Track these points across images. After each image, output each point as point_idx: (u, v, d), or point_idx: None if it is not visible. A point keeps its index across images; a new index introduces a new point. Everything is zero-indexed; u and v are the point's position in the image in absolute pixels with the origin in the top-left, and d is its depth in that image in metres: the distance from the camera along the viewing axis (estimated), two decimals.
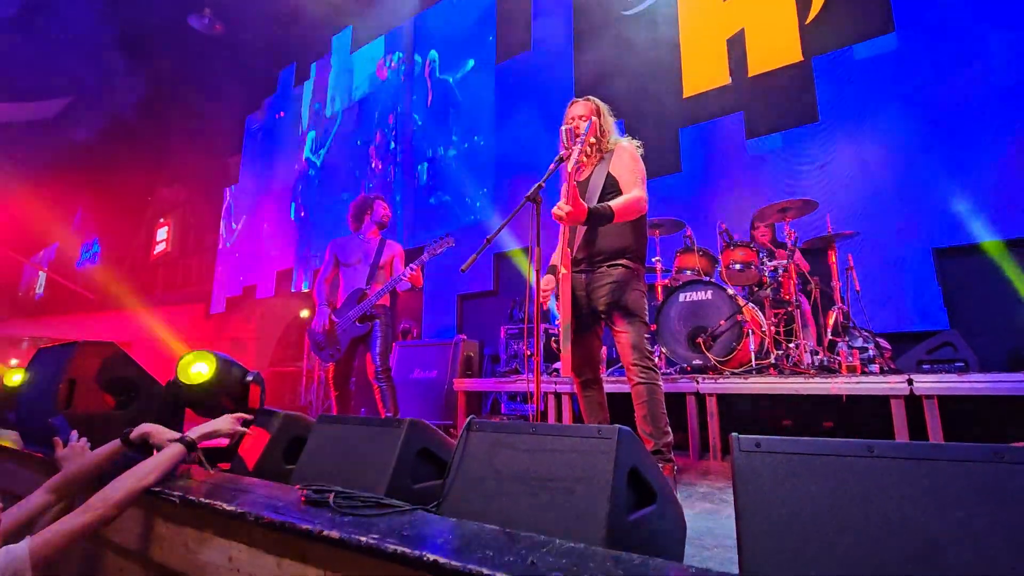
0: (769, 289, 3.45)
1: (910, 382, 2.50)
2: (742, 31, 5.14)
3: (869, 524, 0.90)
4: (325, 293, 3.43)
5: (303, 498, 1.24)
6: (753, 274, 3.44)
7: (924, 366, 3.34)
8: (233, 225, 10.49)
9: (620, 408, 2.38)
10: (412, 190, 7.41)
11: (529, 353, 4.02)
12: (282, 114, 10.05)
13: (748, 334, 3.07)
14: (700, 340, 3.11)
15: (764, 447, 1.01)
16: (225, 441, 1.71)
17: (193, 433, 1.51)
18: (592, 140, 2.25)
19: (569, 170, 1.97)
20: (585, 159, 2.29)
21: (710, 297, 3.23)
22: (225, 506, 1.21)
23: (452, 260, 5.75)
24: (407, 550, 0.87)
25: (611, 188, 2.12)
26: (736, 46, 5.15)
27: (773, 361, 3.05)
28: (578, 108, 2.33)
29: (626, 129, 5.31)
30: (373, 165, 8.05)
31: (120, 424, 1.67)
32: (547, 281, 2.24)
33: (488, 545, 0.92)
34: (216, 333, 9.71)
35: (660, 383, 2.00)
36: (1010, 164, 3.81)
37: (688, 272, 3.58)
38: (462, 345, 4.89)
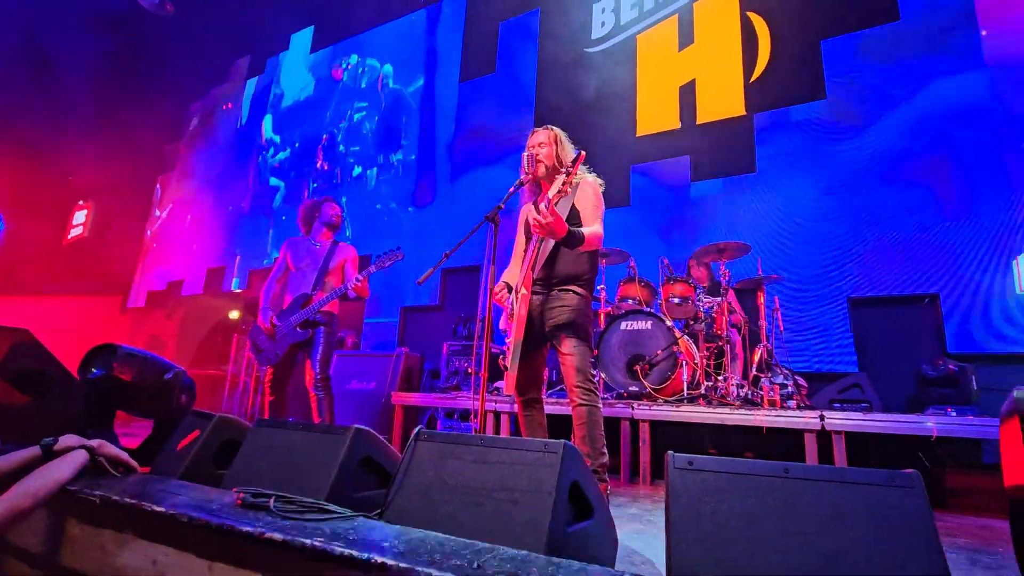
0: (703, 323, 3.67)
1: (822, 418, 2.73)
2: (693, 81, 5.52)
3: (782, 537, 0.99)
4: (273, 294, 3.32)
5: (239, 501, 1.21)
6: (690, 308, 3.64)
7: (835, 404, 3.64)
8: (157, 213, 9.90)
9: (558, 429, 2.45)
10: (358, 194, 7.32)
11: (473, 371, 4.04)
12: (229, 105, 9.68)
13: (682, 365, 3.25)
14: (638, 368, 3.25)
15: (696, 465, 1.10)
16: (136, 442, 1.63)
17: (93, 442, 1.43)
18: (547, 167, 2.34)
19: (550, 196, 2.06)
20: (550, 185, 2.37)
21: (649, 327, 3.39)
22: (154, 507, 1.16)
23: (398, 271, 5.71)
24: (355, 553, 0.88)
25: (574, 220, 2.22)
26: (687, 94, 5.51)
27: (703, 392, 3.23)
28: (539, 136, 2.43)
29: (584, 163, 5.54)
30: (319, 164, 7.90)
31: (30, 420, 1.55)
32: (501, 287, 2.30)
33: (435, 550, 0.94)
34: (133, 329, 9.06)
35: (600, 406, 2.08)
36: (915, 225, 4.27)
37: (630, 301, 3.74)
38: (403, 358, 4.83)
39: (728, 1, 5.52)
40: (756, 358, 3.60)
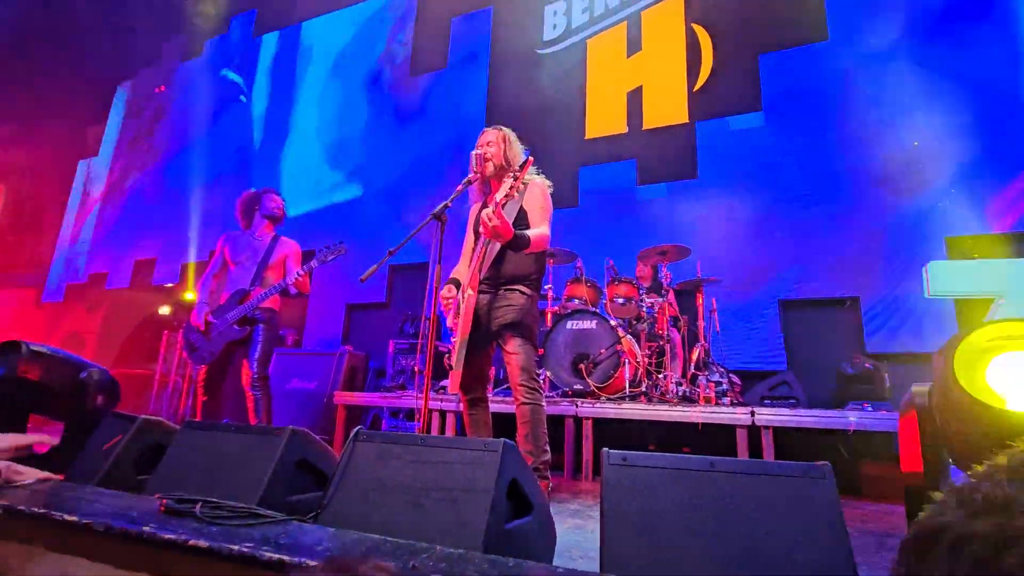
0: (646, 323, 3.79)
1: (753, 414, 2.88)
2: (640, 88, 5.68)
3: (708, 527, 1.05)
4: (209, 289, 3.16)
5: (163, 508, 1.15)
6: (633, 308, 3.75)
7: (766, 401, 3.85)
8: (79, 199, 9.20)
9: (502, 427, 2.46)
10: (303, 185, 7.08)
11: (419, 370, 4.00)
12: (162, 88, 9.12)
13: (625, 363, 3.34)
14: (582, 366, 3.32)
15: (630, 461, 1.14)
16: (45, 447, 1.52)
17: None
18: (495, 166, 2.35)
19: (499, 199, 2.08)
20: (499, 184, 2.38)
21: (594, 327, 3.47)
22: (66, 516, 1.08)
23: (342, 266, 5.58)
24: (285, 557, 0.86)
25: (522, 221, 2.24)
26: (634, 100, 5.66)
27: (644, 390, 3.34)
28: (488, 136, 2.44)
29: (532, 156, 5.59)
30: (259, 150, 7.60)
31: None
32: (449, 290, 2.29)
33: (368, 551, 0.93)
34: (49, 325, 8.39)
35: (544, 404, 2.12)
36: (839, 233, 4.57)
37: (576, 301, 3.82)
38: (347, 356, 4.72)
39: (674, 12, 5.71)
40: (694, 357, 3.75)
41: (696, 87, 5.48)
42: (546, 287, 3.98)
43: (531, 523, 1.35)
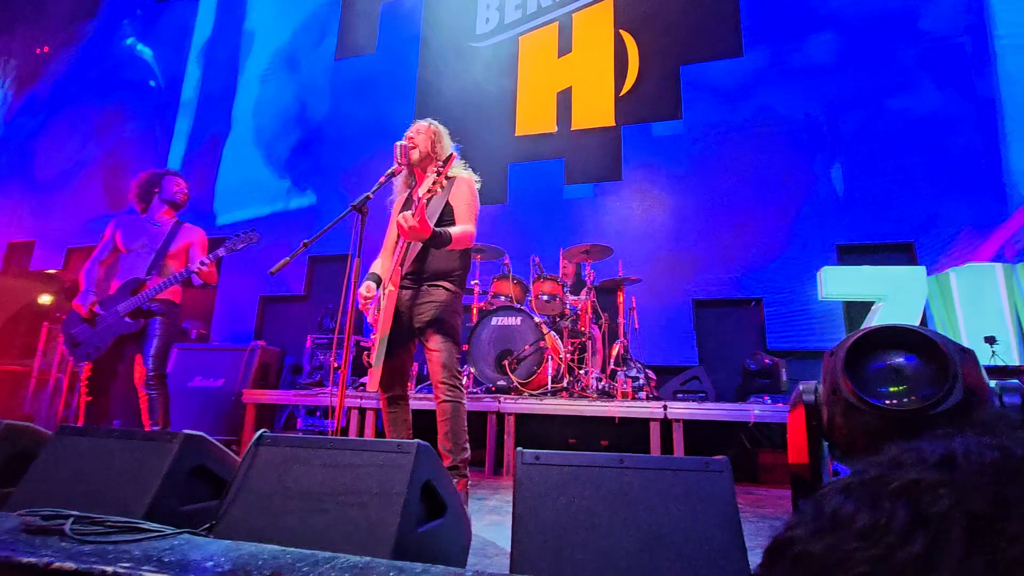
0: (569, 320, 3.87)
1: (665, 408, 3.03)
2: (570, 89, 5.78)
3: (615, 522, 1.08)
4: (95, 277, 2.84)
5: (26, 526, 1.02)
6: (557, 305, 3.82)
7: (678, 395, 4.07)
8: None
9: (422, 425, 2.42)
10: (212, 167, 6.60)
11: (336, 365, 3.85)
12: (46, 49, 8.12)
13: (548, 360, 3.40)
14: (507, 363, 3.34)
15: (543, 460, 1.15)
16: None
17: None
18: (421, 155, 2.31)
19: (421, 195, 2.02)
20: (425, 179, 2.33)
21: (519, 323, 3.50)
22: None
23: (255, 255, 5.26)
24: None
25: (447, 217, 2.20)
26: (564, 100, 5.76)
27: (565, 385, 3.41)
28: (418, 127, 2.38)
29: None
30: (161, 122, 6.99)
31: None
32: (368, 288, 2.22)
33: (266, 565, 0.87)
34: None
35: (464, 402, 2.10)
36: (746, 238, 4.91)
37: (502, 298, 3.83)
38: (259, 352, 4.45)
39: (603, 16, 5.85)
40: (614, 353, 3.89)
41: (622, 92, 5.66)
42: (472, 283, 3.96)
43: (445, 524, 1.33)
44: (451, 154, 2.15)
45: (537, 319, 3.51)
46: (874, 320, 4.32)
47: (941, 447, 0.32)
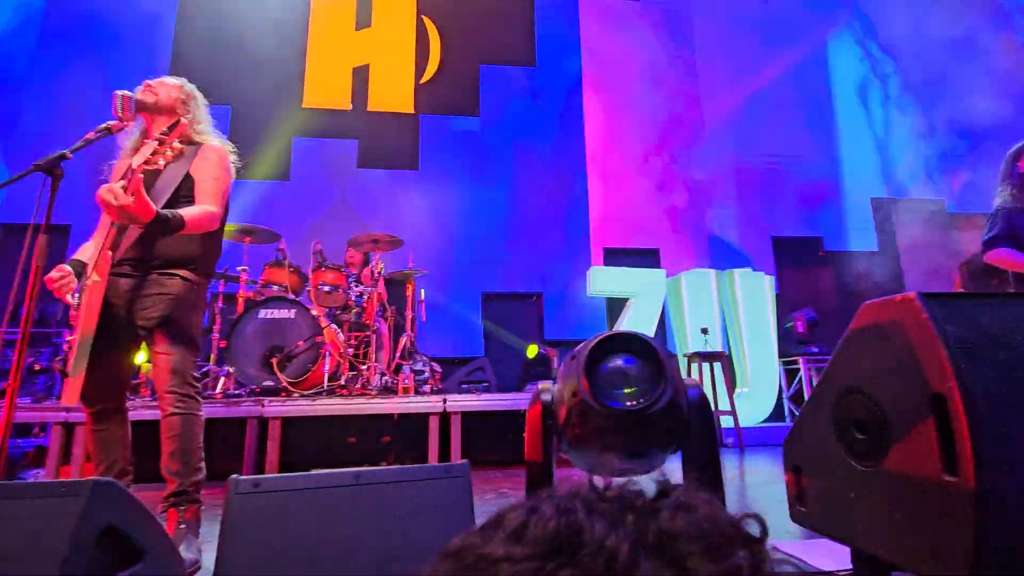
0: (353, 313, 3.65)
1: (445, 401, 3.04)
2: (368, 67, 5.47)
3: (346, 548, 0.98)
4: None
5: None
6: (340, 297, 3.57)
7: (463, 386, 4.15)
8: None
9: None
10: None
11: (41, 367, 2.99)
12: None
13: (325, 356, 3.14)
14: (274, 360, 2.99)
15: (263, 487, 0.99)
16: None
17: None
18: (153, 114, 1.89)
19: (135, 165, 1.59)
20: (158, 147, 1.89)
21: (293, 316, 3.17)
22: None
23: None
24: None
25: (185, 193, 1.81)
26: (360, 78, 5.42)
27: (343, 383, 3.20)
28: (162, 81, 1.93)
29: (232, 119, 4.81)
30: None
31: None
32: (60, 272, 1.71)
33: None
34: None
35: (200, 413, 1.77)
36: (530, 236, 5.26)
37: (275, 287, 3.42)
38: None
39: None
40: (400, 346, 3.79)
41: (423, 79, 5.56)
42: (240, 269, 3.46)
43: (144, 569, 1.08)
44: (179, 121, 1.78)
45: (315, 311, 3.22)
46: (627, 314, 5.04)
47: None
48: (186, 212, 1.70)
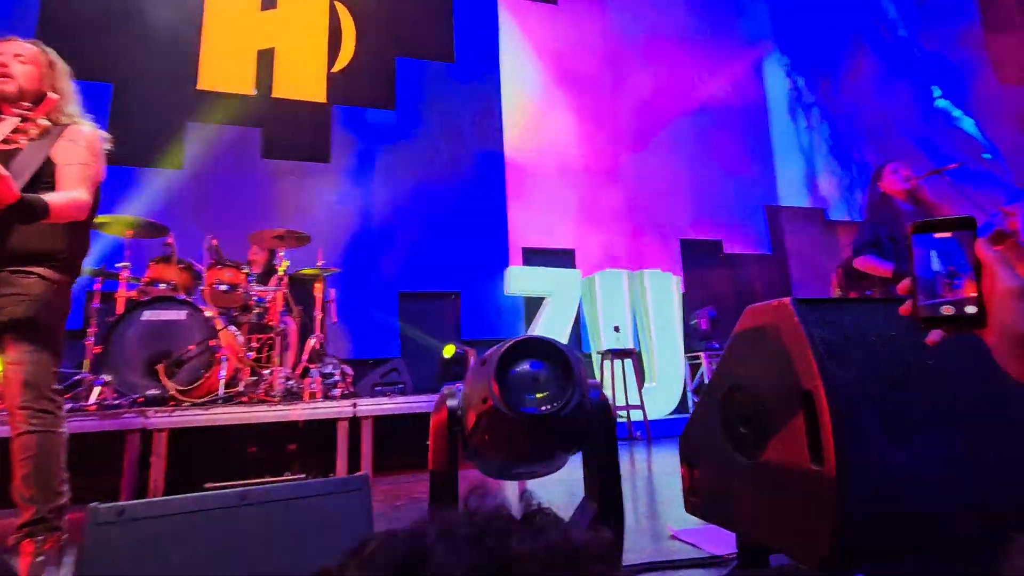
0: (254, 313, 3.41)
1: (355, 406, 2.92)
2: (273, 50, 5.13)
3: (231, 572, 0.90)
4: None
5: None
6: (239, 296, 3.32)
7: (377, 388, 4.02)
8: None
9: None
10: None
11: None
12: None
13: (221, 361, 2.90)
14: (160, 367, 2.71)
15: (129, 515, 0.88)
16: None
17: None
18: (19, 92, 1.66)
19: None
20: (20, 123, 1.66)
21: (183, 318, 2.89)
22: None
23: None
24: None
25: (46, 178, 1.60)
26: (265, 61, 5.08)
27: (242, 389, 2.98)
28: (19, 47, 1.69)
29: (114, 97, 4.33)
30: None
31: None
32: None
33: None
34: None
35: (62, 430, 1.56)
36: (448, 237, 5.21)
37: (162, 286, 3.11)
38: None
39: None
40: (308, 349, 3.60)
41: (336, 68, 5.32)
42: (119, 265, 3.11)
43: None
44: (46, 96, 1.57)
45: (208, 312, 2.96)
46: (544, 313, 5.13)
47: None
48: (51, 198, 1.50)
